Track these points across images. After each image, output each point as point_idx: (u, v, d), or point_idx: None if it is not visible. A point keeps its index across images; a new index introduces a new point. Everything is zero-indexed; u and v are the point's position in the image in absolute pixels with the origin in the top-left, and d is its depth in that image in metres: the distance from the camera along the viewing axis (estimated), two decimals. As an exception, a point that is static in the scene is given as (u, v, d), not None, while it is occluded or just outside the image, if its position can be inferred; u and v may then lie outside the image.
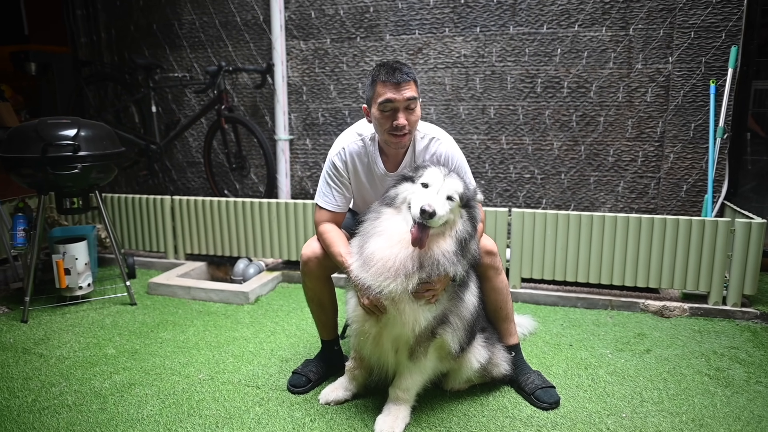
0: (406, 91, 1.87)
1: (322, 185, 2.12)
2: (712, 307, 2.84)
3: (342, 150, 2.07)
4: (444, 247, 1.74)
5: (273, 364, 2.39)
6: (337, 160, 2.07)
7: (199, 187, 4.44)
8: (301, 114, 4.04)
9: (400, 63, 1.92)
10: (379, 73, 1.90)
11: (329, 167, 2.09)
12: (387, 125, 1.91)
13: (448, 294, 1.85)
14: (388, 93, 1.87)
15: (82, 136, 2.88)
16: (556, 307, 3.04)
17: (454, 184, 1.78)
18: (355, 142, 2.07)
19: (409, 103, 1.89)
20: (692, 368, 2.30)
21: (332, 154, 2.08)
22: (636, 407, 2.01)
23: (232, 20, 4.09)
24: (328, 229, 2.05)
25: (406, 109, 1.89)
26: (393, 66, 1.89)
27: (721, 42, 3.22)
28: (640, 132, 3.45)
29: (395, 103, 1.87)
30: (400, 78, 1.86)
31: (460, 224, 1.78)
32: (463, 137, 3.73)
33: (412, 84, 1.90)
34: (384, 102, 1.88)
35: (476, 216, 1.83)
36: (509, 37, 3.54)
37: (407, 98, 1.87)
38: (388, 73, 1.87)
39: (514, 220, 3.07)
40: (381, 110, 1.90)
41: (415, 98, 1.90)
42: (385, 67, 1.90)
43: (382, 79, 1.88)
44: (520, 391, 2.11)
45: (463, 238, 1.76)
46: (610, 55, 3.41)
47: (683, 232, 2.83)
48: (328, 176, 2.09)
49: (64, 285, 2.99)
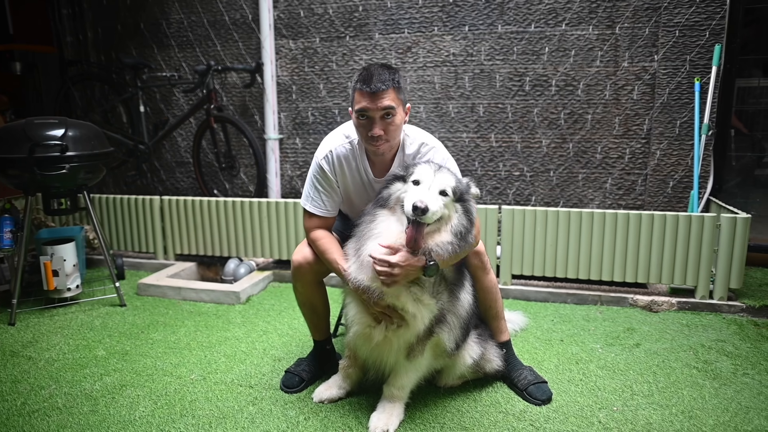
0: (382, 100, 1.80)
1: (309, 189, 2.05)
2: (699, 301, 2.88)
3: (329, 153, 2.00)
4: (438, 239, 1.74)
5: (265, 363, 2.39)
6: (324, 164, 2.00)
7: (188, 187, 4.41)
8: (291, 113, 4.03)
9: (381, 69, 1.84)
10: (358, 79, 1.85)
11: (316, 171, 2.01)
12: (364, 133, 1.88)
13: (446, 295, 1.86)
14: (363, 102, 1.82)
15: (70, 136, 2.85)
16: (547, 303, 3.07)
17: (446, 179, 1.77)
18: (342, 145, 2.01)
19: (387, 112, 1.83)
20: (681, 361, 2.34)
21: (319, 156, 2.01)
22: (627, 400, 2.04)
23: (220, 19, 4.07)
24: (320, 235, 2.01)
25: (382, 118, 1.83)
26: (371, 72, 1.82)
27: (705, 40, 3.27)
28: (627, 129, 3.49)
29: (370, 113, 1.83)
30: (376, 87, 1.79)
31: (455, 219, 1.77)
32: (453, 135, 3.74)
33: (390, 92, 1.82)
34: (359, 110, 1.84)
35: (471, 209, 1.82)
36: (498, 35, 3.57)
37: (383, 107, 1.81)
38: (365, 81, 1.81)
39: (504, 217, 3.10)
40: (358, 118, 1.87)
41: (393, 107, 1.83)
42: (364, 74, 1.84)
43: (358, 87, 1.83)
44: (512, 386, 2.13)
45: (459, 231, 1.76)
46: (597, 54, 3.44)
47: (670, 227, 2.87)
48: (315, 180, 2.02)
49: (52, 287, 2.95)
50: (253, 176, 4.18)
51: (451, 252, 1.74)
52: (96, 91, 4.48)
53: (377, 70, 1.84)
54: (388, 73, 1.84)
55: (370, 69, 1.85)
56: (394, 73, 1.86)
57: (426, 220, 1.68)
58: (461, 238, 1.76)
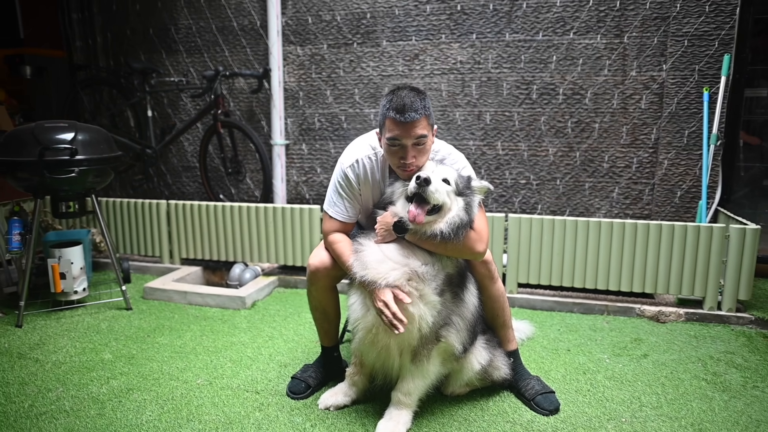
0: (415, 130, 1.79)
1: (332, 195, 2.05)
2: (708, 312, 2.87)
3: (356, 163, 1.99)
4: (435, 225, 1.80)
5: (272, 369, 2.38)
6: (350, 172, 2.00)
7: (194, 191, 4.42)
8: (298, 119, 4.04)
9: (413, 96, 1.80)
10: (390, 107, 1.81)
11: (341, 177, 2.01)
12: (395, 160, 1.87)
13: (450, 296, 1.86)
14: (396, 130, 1.80)
15: (80, 140, 2.86)
16: (553, 312, 3.05)
17: (447, 170, 1.86)
18: (369, 156, 2.00)
19: (419, 141, 1.82)
20: (689, 373, 2.32)
21: (345, 164, 2.01)
22: (635, 412, 2.03)
23: (228, 25, 4.09)
24: (338, 239, 2.02)
25: (415, 145, 1.83)
26: (403, 101, 1.78)
27: (714, 50, 3.27)
28: (634, 138, 3.48)
29: (403, 140, 1.81)
30: (411, 117, 1.77)
31: (454, 210, 1.82)
32: (459, 143, 3.75)
33: (423, 121, 1.80)
34: (392, 139, 1.83)
35: (472, 204, 1.86)
36: (505, 44, 3.57)
37: (416, 136, 1.81)
38: (398, 111, 1.78)
39: (511, 225, 3.09)
40: (389, 145, 1.85)
41: (426, 135, 1.82)
42: (396, 101, 1.80)
43: (390, 115, 1.80)
44: (519, 396, 2.12)
45: (454, 222, 1.80)
46: (605, 63, 3.45)
47: (678, 237, 2.86)
48: (339, 186, 2.02)
49: (59, 289, 2.96)
50: (259, 181, 4.19)
51: (439, 236, 1.79)
52: (104, 95, 4.51)
53: (409, 97, 1.80)
54: (420, 100, 1.81)
55: (402, 96, 1.81)
56: (425, 99, 1.83)
57: (429, 196, 1.74)
58: (455, 230, 1.79)
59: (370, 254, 1.85)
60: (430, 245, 1.83)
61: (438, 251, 1.84)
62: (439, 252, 1.85)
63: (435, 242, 1.81)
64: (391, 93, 1.85)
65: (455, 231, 1.79)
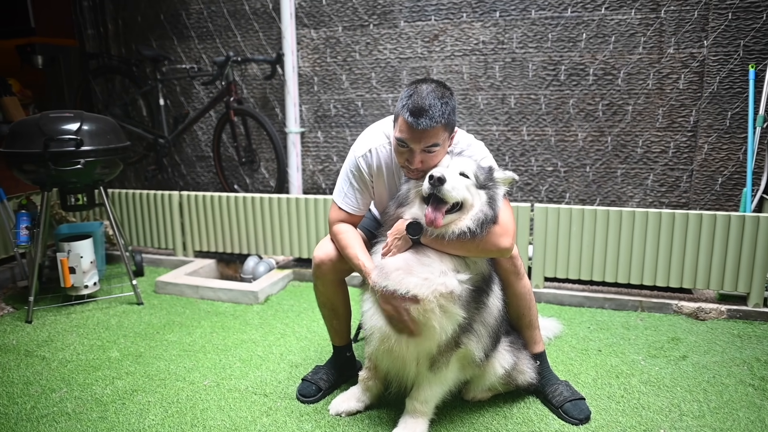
0: (428, 139, 1.64)
1: (343, 184, 1.93)
2: (752, 309, 2.65)
3: (368, 153, 1.88)
4: (459, 224, 1.64)
5: (282, 369, 2.27)
6: (362, 162, 1.88)
7: (208, 182, 4.34)
8: (313, 106, 3.90)
9: (433, 99, 1.62)
10: (406, 105, 1.64)
11: (353, 168, 1.90)
12: (400, 160, 1.75)
13: (472, 301, 1.70)
14: (406, 134, 1.65)
15: (85, 131, 2.77)
16: (582, 308, 2.87)
17: (465, 162, 1.69)
18: (383, 146, 1.88)
19: (430, 149, 1.67)
20: (734, 377, 2.12)
21: (357, 153, 1.89)
22: (674, 421, 1.85)
23: (240, 9, 3.96)
24: (343, 229, 1.90)
25: (424, 152, 1.68)
26: (421, 105, 1.61)
27: (762, 23, 3.00)
28: (671, 121, 3.24)
29: (412, 145, 1.67)
30: (425, 125, 1.61)
31: (478, 206, 1.66)
32: (482, 128, 3.56)
33: (438, 130, 1.64)
34: (400, 140, 1.69)
35: (496, 197, 1.69)
36: (531, 21, 3.35)
37: (427, 144, 1.66)
38: (413, 114, 1.62)
39: (537, 215, 2.91)
40: (398, 144, 1.71)
41: (438, 144, 1.67)
42: (414, 102, 1.63)
43: (404, 115, 1.64)
44: (546, 403, 1.96)
45: (479, 219, 1.64)
46: (639, 40, 3.20)
47: (720, 228, 2.64)
48: (351, 176, 1.90)
49: (68, 284, 2.90)
50: (273, 171, 4.07)
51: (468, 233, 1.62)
52: (116, 84, 4.43)
53: (429, 99, 1.62)
54: (441, 104, 1.63)
55: (422, 95, 1.63)
56: (447, 104, 1.65)
57: (445, 196, 1.58)
58: (481, 227, 1.63)
59: (391, 262, 1.69)
60: (452, 247, 1.66)
61: (460, 253, 1.68)
62: (461, 254, 1.68)
63: (458, 243, 1.64)
64: (413, 86, 1.68)
65: (481, 228, 1.63)
